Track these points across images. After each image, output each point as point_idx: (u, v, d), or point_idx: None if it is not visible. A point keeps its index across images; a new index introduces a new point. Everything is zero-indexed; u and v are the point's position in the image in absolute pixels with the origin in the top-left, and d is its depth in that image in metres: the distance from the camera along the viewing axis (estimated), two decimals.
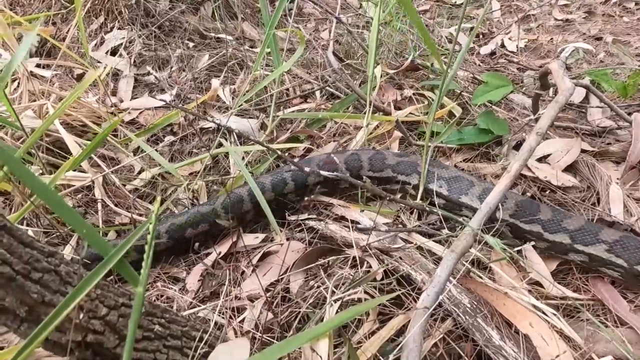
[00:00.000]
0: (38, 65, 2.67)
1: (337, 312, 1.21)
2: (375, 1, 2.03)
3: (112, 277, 1.51)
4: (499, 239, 1.23)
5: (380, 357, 1.15)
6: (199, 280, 1.55)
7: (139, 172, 2.13)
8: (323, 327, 0.98)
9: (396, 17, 3.00)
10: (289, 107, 2.51)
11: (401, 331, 1.23)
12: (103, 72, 2.43)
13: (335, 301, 1.22)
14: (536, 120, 1.71)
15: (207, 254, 1.71)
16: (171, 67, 2.78)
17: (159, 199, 0.76)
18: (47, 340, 0.82)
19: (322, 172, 1.65)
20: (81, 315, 0.79)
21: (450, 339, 1.22)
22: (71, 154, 1.89)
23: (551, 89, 2.38)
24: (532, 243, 1.47)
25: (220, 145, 1.97)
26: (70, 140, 1.89)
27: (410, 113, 2.33)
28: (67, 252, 1.42)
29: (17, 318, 0.80)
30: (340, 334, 1.24)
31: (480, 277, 1.35)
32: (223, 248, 1.69)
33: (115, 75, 2.74)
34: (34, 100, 2.13)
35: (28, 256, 0.80)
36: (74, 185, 1.81)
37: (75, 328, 0.79)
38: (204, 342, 1.01)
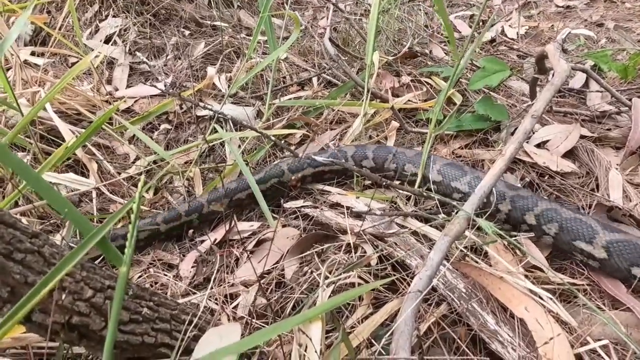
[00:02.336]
0: (33, 54, 2.64)
1: (330, 297, 1.20)
2: None
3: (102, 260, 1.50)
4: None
5: (373, 341, 1.14)
6: (192, 267, 1.54)
7: (134, 160, 2.11)
8: (314, 311, 0.97)
9: (394, 5, 2.96)
10: (286, 95, 2.49)
11: (395, 316, 1.21)
12: (97, 58, 2.41)
13: (328, 285, 1.20)
14: None
15: (202, 241, 1.69)
16: (167, 55, 2.75)
17: (143, 177, 0.74)
18: (31, 322, 0.81)
19: (317, 158, 1.64)
20: (63, 296, 0.78)
21: (445, 324, 1.21)
22: (65, 141, 1.87)
23: (551, 75, 2.35)
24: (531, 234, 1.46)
25: (215, 131, 1.95)
26: (63, 126, 1.87)
27: (409, 100, 2.31)
28: (58, 238, 1.41)
29: (0, 299, 0.78)
30: (333, 318, 1.23)
31: (476, 262, 1.34)
32: (218, 235, 1.68)
33: (111, 63, 2.72)
34: (27, 89, 2.11)
35: (10, 237, 0.79)
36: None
37: (58, 309, 0.78)
38: (193, 325, 0.99)
